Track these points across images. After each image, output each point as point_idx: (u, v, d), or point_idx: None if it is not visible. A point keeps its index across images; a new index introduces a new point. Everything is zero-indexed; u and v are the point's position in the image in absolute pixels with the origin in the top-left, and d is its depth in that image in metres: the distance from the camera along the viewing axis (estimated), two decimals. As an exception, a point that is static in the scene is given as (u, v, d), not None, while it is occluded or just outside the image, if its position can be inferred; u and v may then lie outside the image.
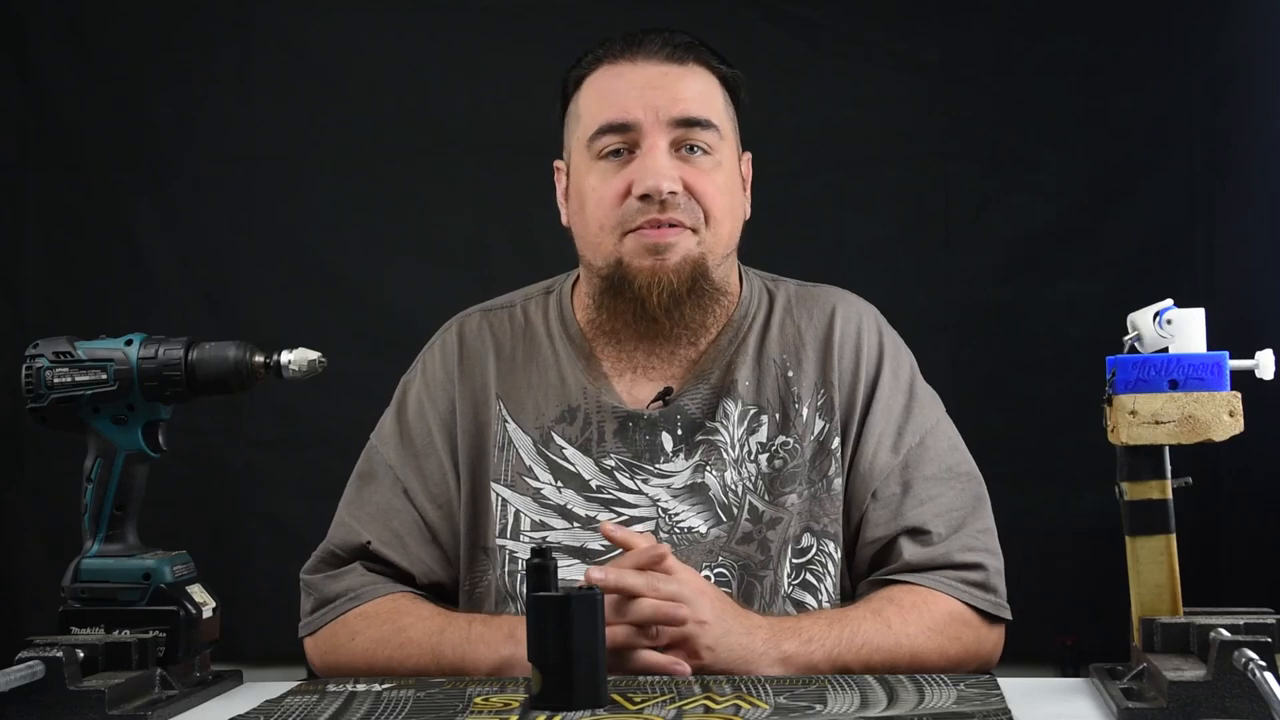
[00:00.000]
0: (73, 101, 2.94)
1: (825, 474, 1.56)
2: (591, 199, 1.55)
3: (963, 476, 1.58)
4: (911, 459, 1.56)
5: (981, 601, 1.51)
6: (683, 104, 1.53)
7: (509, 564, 1.55)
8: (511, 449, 1.58)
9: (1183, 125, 2.82)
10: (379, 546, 1.57)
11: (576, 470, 1.56)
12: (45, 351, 1.35)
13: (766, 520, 1.54)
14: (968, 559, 1.52)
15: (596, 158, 1.54)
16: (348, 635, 1.53)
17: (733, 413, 1.57)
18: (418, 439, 1.61)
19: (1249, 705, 1.07)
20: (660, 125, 1.52)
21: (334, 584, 1.57)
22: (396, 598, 1.55)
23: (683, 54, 1.56)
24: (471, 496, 1.58)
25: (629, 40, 1.56)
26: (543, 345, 1.62)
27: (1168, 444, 1.23)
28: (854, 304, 1.64)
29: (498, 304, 1.68)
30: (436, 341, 1.67)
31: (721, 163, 1.55)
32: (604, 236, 1.54)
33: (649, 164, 1.51)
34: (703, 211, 1.53)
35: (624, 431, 1.57)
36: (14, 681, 1.16)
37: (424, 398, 1.63)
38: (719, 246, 1.55)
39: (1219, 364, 1.22)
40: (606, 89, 1.55)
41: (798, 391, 1.58)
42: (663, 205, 1.50)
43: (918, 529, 1.54)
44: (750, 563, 1.53)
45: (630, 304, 1.54)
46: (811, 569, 1.54)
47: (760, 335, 1.60)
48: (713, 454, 1.55)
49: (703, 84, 1.56)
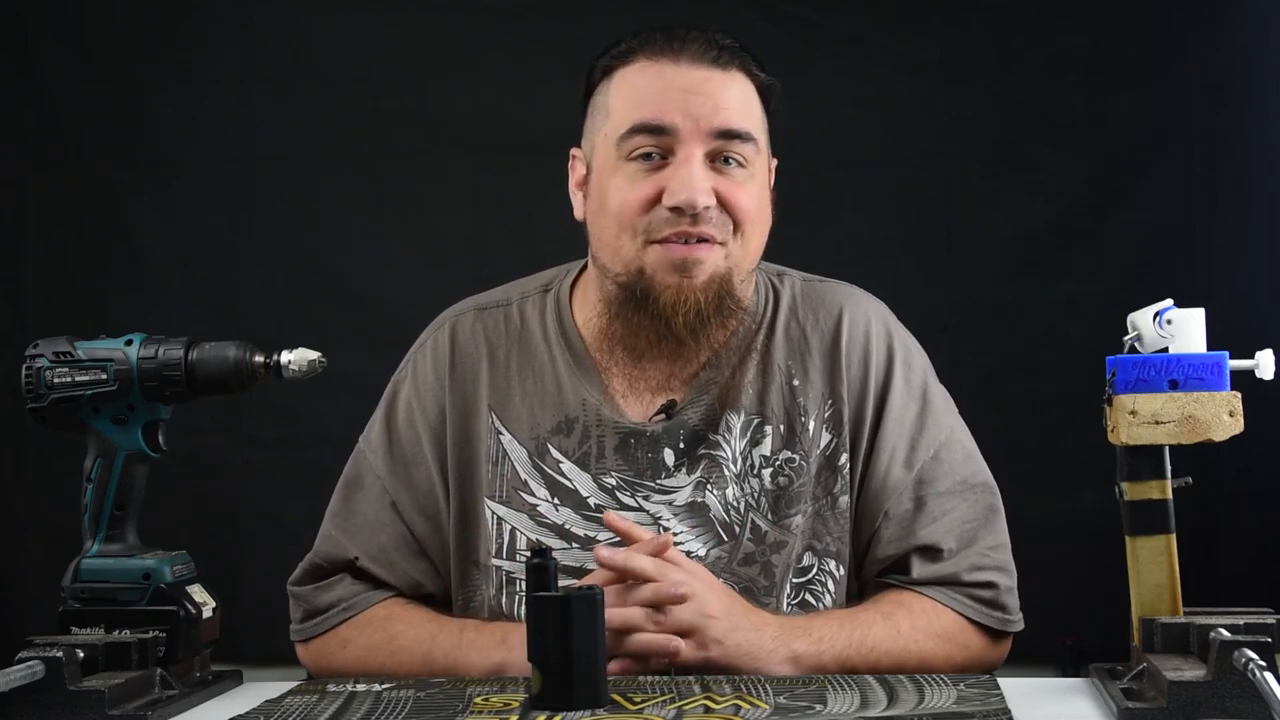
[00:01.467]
0: (73, 101, 2.93)
1: (831, 492, 1.52)
2: (615, 200, 1.47)
3: (977, 488, 1.54)
4: (925, 474, 1.52)
5: (989, 619, 1.49)
6: (724, 114, 1.46)
7: (506, 585, 1.51)
8: (506, 462, 1.54)
9: (1183, 125, 2.81)
10: (366, 563, 1.54)
11: (574, 487, 1.52)
12: (45, 351, 1.35)
13: (770, 542, 1.50)
14: (977, 578, 1.50)
15: (625, 158, 1.47)
16: (339, 644, 1.52)
17: (735, 425, 1.52)
18: (407, 448, 1.57)
19: (1249, 705, 1.07)
20: (699, 134, 1.45)
21: (324, 595, 1.55)
22: (388, 604, 1.54)
23: (727, 59, 1.48)
24: (461, 509, 1.54)
25: (671, 37, 1.48)
26: (539, 350, 1.57)
27: (1168, 444, 1.23)
28: (862, 304, 1.59)
29: (493, 300, 1.63)
30: (428, 341, 1.62)
31: (755, 175, 1.49)
32: (625, 242, 1.47)
33: (684, 175, 1.44)
34: (734, 224, 1.47)
35: (625, 448, 1.52)
36: (14, 681, 1.16)
37: (414, 403, 1.58)
38: (746, 261, 1.50)
39: (1219, 364, 1.22)
40: (643, 87, 1.47)
41: (804, 403, 1.53)
42: (694, 219, 1.44)
43: (930, 547, 1.50)
44: (753, 586, 1.49)
45: (653, 321, 1.48)
46: (811, 589, 1.51)
47: (765, 339, 1.55)
48: (714, 470, 1.51)
49: (743, 93, 1.49)
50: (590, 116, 1.54)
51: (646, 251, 1.46)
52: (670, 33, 1.49)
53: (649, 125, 1.45)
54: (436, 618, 1.51)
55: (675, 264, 1.45)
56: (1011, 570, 1.53)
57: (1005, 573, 1.52)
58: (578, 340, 1.57)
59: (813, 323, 1.56)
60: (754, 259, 1.52)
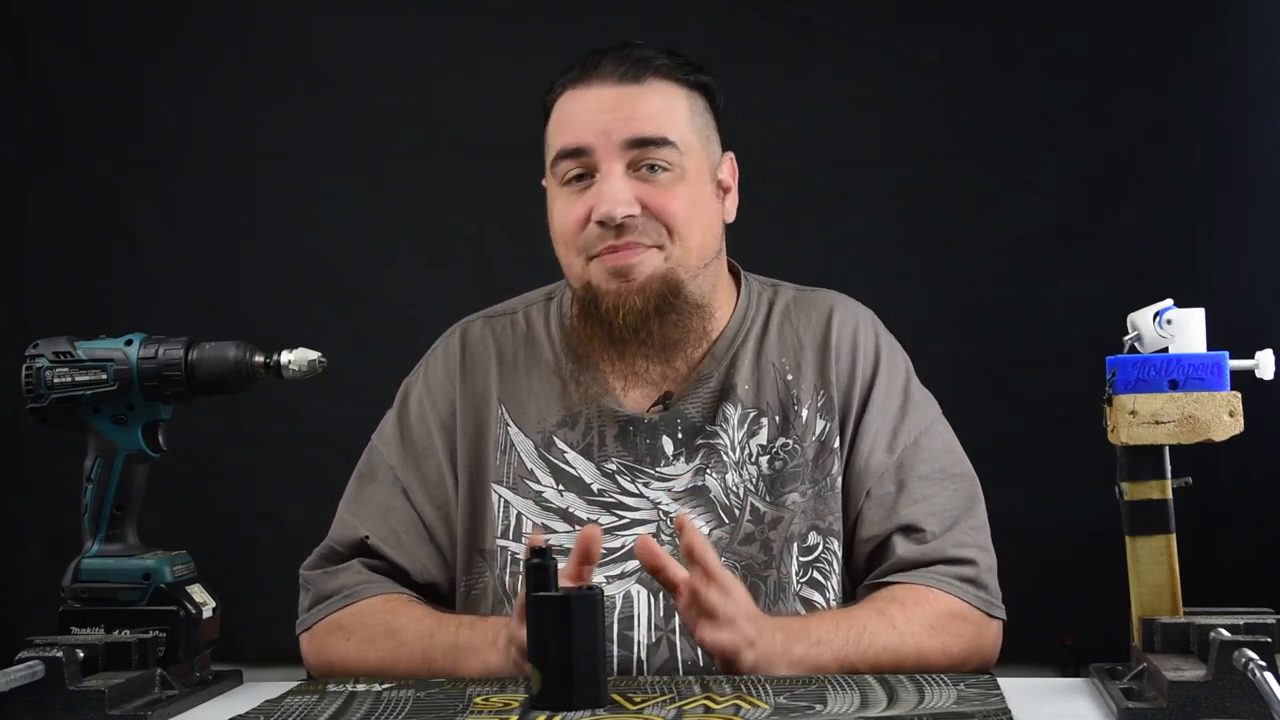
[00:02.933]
0: (73, 101, 2.93)
1: (829, 472, 1.57)
2: (558, 223, 1.57)
3: (956, 478, 1.59)
4: (906, 458, 1.58)
5: (973, 598, 1.52)
6: (635, 124, 1.52)
7: (510, 564, 1.56)
8: (513, 451, 1.60)
9: (1183, 125, 2.81)
10: (376, 542, 1.59)
11: (578, 474, 1.58)
12: (45, 351, 1.35)
13: (768, 520, 1.55)
14: (959, 554, 1.53)
15: (561, 183, 1.56)
16: (343, 635, 1.54)
17: (732, 416, 1.58)
18: (418, 440, 1.63)
19: (1249, 705, 1.07)
20: (614, 148, 1.52)
21: (331, 580, 1.58)
22: (390, 598, 1.56)
23: (638, 71, 1.54)
24: (470, 499, 1.60)
25: (585, 64, 1.57)
26: (544, 351, 1.64)
27: (1168, 444, 1.23)
28: (851, 307, 1.66)
29: (500, 310, 1.70)
30: (439, 346, 1.69)
31: (684, 175, 1.54)
32: (572, 259, 1.56)
33: (604, 190, 1.51)
34: (665, 228, 1.53)
35: (625, 435, 1.58)
36: (14, 681, 1.16)
37: (425, 400, 1.64)
38: (690, 259, 1.55)
39: (1219, 364, 1.22)
40: (565, 114, 1.56)
41: (797, 394, 1.59)
42: (620, 230, 1.51)
43: (911, 526, 1.55)
44: (753, 563, 1.54)
45: (601, 326, 1.55)
46: (818, 566, 1.55)
47: (759, 339, 1.62)
48: (713, 457, 1.57)
49: (660, 100, 1.55)
50: (546, 151, 1.62)
51: (589, 267, 1.55)
52: (587, 60, 1.57)
53: (568, 149, 1.54)
54: (435, 614, 1.53)
55: (612, 272, 1.53)
56: (991, 552, 1.56)
57: (985, 552, 1.56)
58: (578, 341, 1.63)
59: (805, 323, 1.63)
60: (700, 255, 1.57)
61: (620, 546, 1.54)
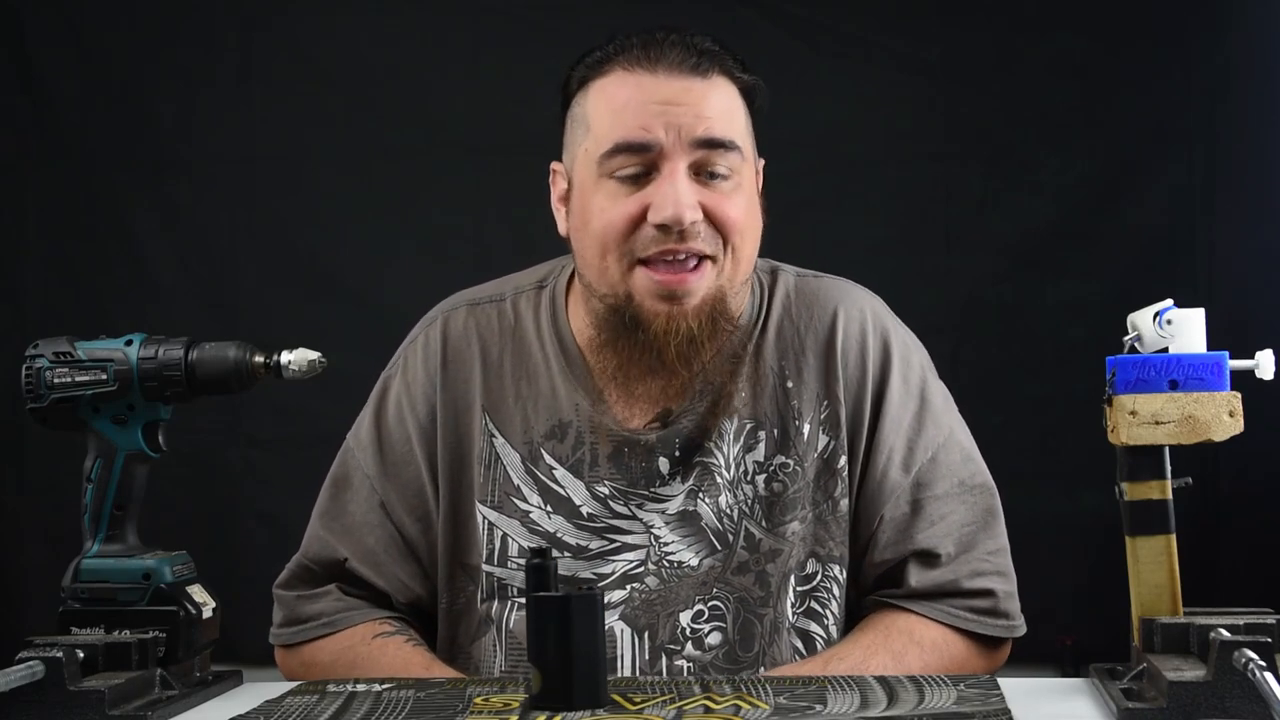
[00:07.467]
0: (73, 101, 2.94)
1: (831, 495, 1.48)
2: (598, 221, 1.42)
3: (975, 489, 1.50)
4: (923, 477, 1.49)
5: (991, 629, 1.47)
6: (707, 123, 1.40)
7: (498, 592, 1.49)
8: (499, 465, 1.50)
9: (1183, 125, 2.82)
10: (355, 564, 1.51)
11: (567, 495, 1.48)
12: (45, 351, 1.35)
13: (765, 550, 1.47)
14: (976, 585, 1.47)
15: (607, 176, 1.41)
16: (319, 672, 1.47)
17: (728, 431, 1.48)
18: (397, 446, 1.54)
19: (1249, 705, 1.07)
20: (682, 147, 1.39)
21: (308, 605, 1.52)
22: (367, 628, 1.50)
23: (707, 65, 1.41)
24: (451, 511, 1.51)
25: (648, 45, 1.42)
26: (533, 350, 1.53)
27: (1168, 444, 1.23)
28: (857, 301, 1.54)
29: (486, 295, 1.58)
30: (419, 337, 1.58)
31: (742, 184, 1.43)
32: (611, 264, 1.42)
33: (668, 191, 1.38)
34: (722, 238, 1.41)
35: (618, 457, 1.48)
36: (14, 681, 1.16)
37: (404, 401, 1.55)
38: (739, 274, 1.45)
39: (1219, 364, 1.22)
40: (622, 101, 1.41)
41: (798, 405, 1.49)
42: (681, 235, 1.38)
43: (926, 552, 1.47)
44: (748, 597, 1.46)
45: (644, 352, 1.43)
46: (816, 596, 1.48)
47: (757, 339, 1.51)
48: (706, 478, 1.47)
49: (726, 99, 1.43)
50: (569, 130, 1.48)
51: (633, 275, 1.42)
52: (647, 39, 1.42)
53: (631, 144, 1.39)
54: (407, 655, 1.46)
55: (664, 294, 1.41)
56: (1011, 575, 1.50)
57: (1004, 578, 1.49)
58: (572, 343, 1.52)
59: (806, 321, 1.52)
60: (746, 270, 1.47)
61: (611, 572, 1.47)
